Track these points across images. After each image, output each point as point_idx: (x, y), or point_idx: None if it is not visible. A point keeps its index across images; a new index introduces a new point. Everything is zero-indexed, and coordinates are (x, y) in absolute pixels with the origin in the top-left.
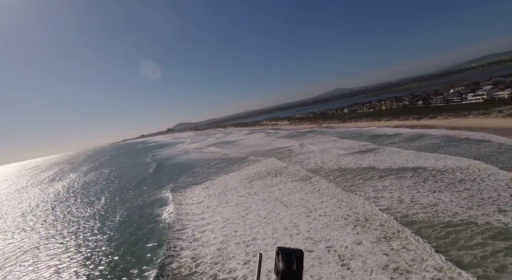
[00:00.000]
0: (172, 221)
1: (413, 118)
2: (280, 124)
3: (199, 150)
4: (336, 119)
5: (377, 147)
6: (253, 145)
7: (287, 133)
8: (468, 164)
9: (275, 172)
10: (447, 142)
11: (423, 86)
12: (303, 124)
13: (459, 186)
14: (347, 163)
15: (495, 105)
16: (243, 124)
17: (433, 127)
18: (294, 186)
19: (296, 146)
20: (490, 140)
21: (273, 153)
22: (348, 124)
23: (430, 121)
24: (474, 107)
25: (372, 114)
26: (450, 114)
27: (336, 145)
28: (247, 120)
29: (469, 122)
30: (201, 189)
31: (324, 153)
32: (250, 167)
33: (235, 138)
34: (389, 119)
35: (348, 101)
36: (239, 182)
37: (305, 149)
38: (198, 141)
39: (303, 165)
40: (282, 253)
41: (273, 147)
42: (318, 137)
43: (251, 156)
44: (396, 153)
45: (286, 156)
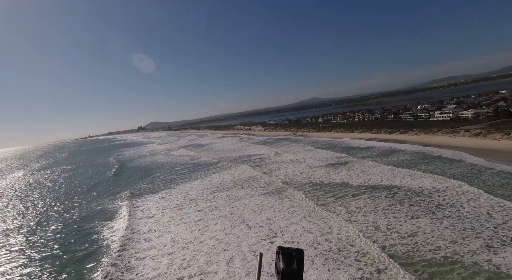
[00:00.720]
0: (110, 242)
1: (385, 132)
2: (254, 129)
3: (167, 152)
4: (311, 128)
5: (351, 160)
6: (225, 149)
7: (261, 140)
8: (445, 185)
9: (243, 183)
10: (420, 158)
11: (392, 101)
12: (278, 131)
13: (438, 212)
14: (319, 177)
15: (461, 124)
16: (217, 128)
17: (405, 142)
18: (261, 201)
19: (269, 154)
20: (462, 159)
21: (244, 160)
22: (322, 134)
23: (401, 136)
24: (442, 125)
25: (346, 125)
26: (420, 130)
27: (309, 155)
28: (222, 123)
29: (439, 140)
30: (157, 200)
31: (296, 163)
32: (216, 175)
33: (207, 141)
34: (362, 131)
35: (323, 110)
36: (201, 193)
37: (277, 158)
38: (169, 142)
39: (273, 176)
40: (282, 253)
41: (244, 153)
42: (292, 146)
43: (220, 162)
44: (370, 168)
45: (256, 164)
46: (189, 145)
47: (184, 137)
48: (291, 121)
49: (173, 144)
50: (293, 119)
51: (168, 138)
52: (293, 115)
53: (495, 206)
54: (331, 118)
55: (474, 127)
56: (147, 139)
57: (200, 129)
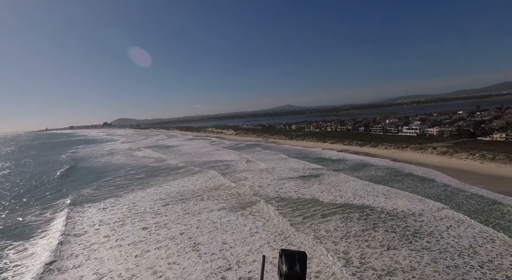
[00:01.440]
0: (16, 273)
1: (356, 144)
2: (226, 133)
3: (129, 152)
4: (283, 135)
5: (322, 173)
6: (192, 153)
7: (231, 144)
8: (421, 208)
9: (203, 193)
10: (392, 174)
11: (362, 114)
12: (249, 136)
13: (415, 242)
14: (288, 190)
15: (428, 140)
16: (188, 129)
17: (376, 156)
18: (220, 217)
19: (237, 161)
20: (434, 178)
21: (210, 166)
22: (294, 142)
23: (372, 149)
24: (410, 140)
25: (318, 134)
26: (390, 144)
27: (279, 164)
28: (195, 124)
29: (408, 156)
30: (96, 211)
31: (265, 173)
32: (176, 182)
33: (175, 143)
34: (334, 142)
35: (296, 118)
36: (152, 204)
37: (246, 166)
38: (134, 140)
39: (238, 187)
40: (285, 255)
41: (212, 158)
42: (263, 153)
43: (184, 167)
44: (342, 183)
45: (222, 172)
46: (155, 146)
47: (151, 137)
48: (264, 127)
49: (138, 143)
50: (267, 125)
51: (135, 137)
52: (267, 121)
53: (477, 236)
54: (304, 126)
55: (441, 145)
56: (110, 136)
57: (170, 130)
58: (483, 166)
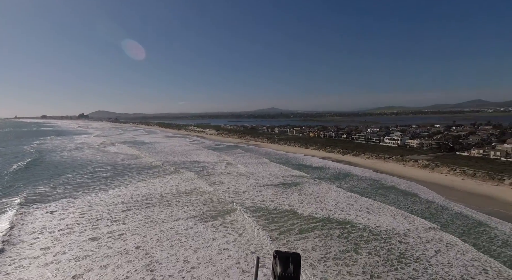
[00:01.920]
0: None
1: (338, 151)
2: (207, 132)
3: (102, 147)
4: (265, 138)
5: (303, 181)
6: (169, 151)
7: (211, 144)
8: (406, 227)
9: (172, 198)
10: (375, 187)
11: (345, 121)
12: (230, 137)
13: (401, 269)
14: (265, 199)
15: (409, 152)
16: (169, 126)
17: (358, 166)
18: (187, 228)
19: (215, 163)
20: (417, 193)
21: (185, 167)
22: (276, 146)
23: (354, 159)
24: (391, 151)
25: (301, 139)
26: (372, 154)
27: (259, 169)
28: (176, 122)
29: (390, 167)
30: (43, 214)
31: (242, 177)
32: (143, 184)
33: (153, 139)
34: (316, 148)
35: (280, 121)
36: (112, 208)
37: (223, 169)
38: (110, 135)
39: (211, 193)
40: (279, 257)
41: (189, 158)
42: (242, 156)
43: (157, 167)
44: (323, 193)
45: (197, 174)
46: (131, 141)
47: (129, 132)
48: (246, 128)
49: (113, 138)
50: (249, 127)
51: (111, 130)
52: (250, 122)
53: (468, 265)
54: (287, 130)
55: (422, 158)
56: (85, 128)
57: (150, 125)
58: (464, 182)
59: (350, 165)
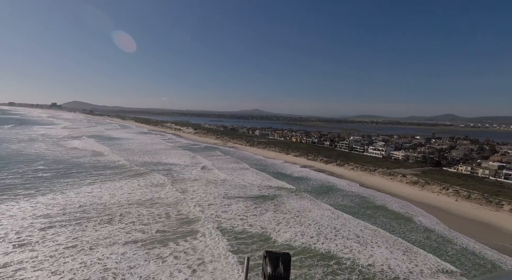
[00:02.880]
0: None
1: (321, 160)
2: (185, 131)
3: (62, 141)
4: (245, 140)
5: (281, 194)
6: (137, 150)
7: (187, 144)
8: (407, 267)
9: (117, 210)
10: (363, 205)
11: (327, 127)
12: (208, 137)
13: None
14: (233, 216)
15: (394, 165)
16: (146, 121)
17: (343, 178)
18: (120, 260)
19: (184, 166)
20: (411, 217)
21: (148, 170)
22: (255, 150)
23: (338, 169)
24: (377, 163)
25: (282, 144)
26: (357, 165)
27: (232, 176)
28: (156, 117)
29: (377, 181)
30: None
31: (211, 186)
32: (89, 189)
33: (125, 135)
34: (297, 155)
35: (263, 123)
36: (27, 224)
37: (191, 173)
38: (79, 127)
39: (170, 206)
40: (269, 257)
41: (157, 158)
42: (217, 159)
43: (117, 168)
44: (303, 211)
45: (158, 181)
46: (100, 136)
47: (101, 125)
48: (226, 128)
49: (81, 131)
50: (230, 127)
51: (82, 123)
52: (232, 123)
53: None
54: (268, 133)
55: (409, 172)
56: (53, 119)
57: (125, 120)
58: (459, 205)
59: (334, 176)
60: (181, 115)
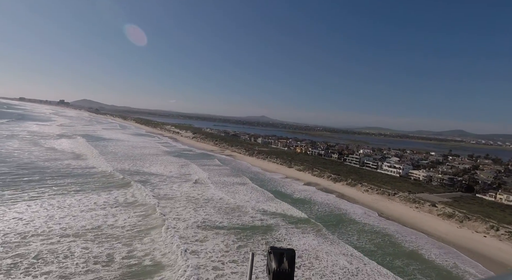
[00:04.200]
0: None
1: (329, 177)
2: (183, 134)
3: (46, 138)
4: (245, 148)
5: (277, 224)
6: (125, 154)
7: (181, 149)
8: None
9: (40, 247)
10: (387, 250)
11: (334, 137)
12: (206, 143)
13: None
14: (205, 262)
15: (416, 187)
16: (146, 122)
17: (355, 202)
18: None
19: (168, 176)
20: (463, 276)
21: (125, 182)
22: (253, 160)
23: (349, 190)
24: (394, 184)
25: (285, 155)
26: (372, 186)
27: (219, 193)
28: (161, 119)
29: (399, 210)
30: None
31: (190, 206)
32: (32, 204)
33: (118, 135)
34: (301, 169)
35: (267, 130)
36: None
37: (172, 188)
38: (75, 125)
39: (119, 241)
40: (274, 253)
41: (142, 166)
42: (208, 169)
43: (82, 177)
44: (306, 258)
45: (127, 196)
46: (91, 135)
47: (100, 124)
48: (228, 134)
49: (75, 129)
50: (232, 133)
51: (81, 121)
52: (236, 128)
53: None
54: (271, 141)
55: (438, 199)
56: (54, 115)
57: (127, 120)
58: None
59: (345, 198)
60: (187, 118)
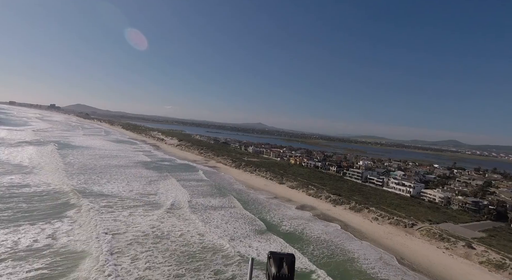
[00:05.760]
0: None
1: (327, 198)
2: (167, 142)
3: (5, 146)
4: (232, 158)
5: None
6: (80, 166)
7: (160, 159)
8: None
9: None
10: None
11: (330, 146)
12: (190, 151)
13: None
14: None
15: (434, 213)
16: (133, 128)
17: (363, 236)
18: None
19: (127, 198)
20: None
21: (53, 212)
22: (239, 174)
23: (354, 217)
24: (407, 207)
25: (277, 167)
26: (382, 213)
27: (181, 225)
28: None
29: (425, 253)
30: None
31: (134, 247)
32: None
33: (94, 142)
34: (294, 186)
35: (262, 138)
36: None
37: (115, 219)
38: (53, 130)
39: None
40: (273, 258)
41: (93, 182)
42: (181, 188)
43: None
44: None
45: (37, 241)
46: (63, 143)
47: (82, 130)
48: (218, 142)
49: (51, 135)
50: (222, 140)
51: (63, 126)
52: (229, 135)
53: None
54: (263, 151)
55: (468, 233)
56: (38, 120)
57: (114, 125)
58: None
59: (349, 230)
60: (181, 124)
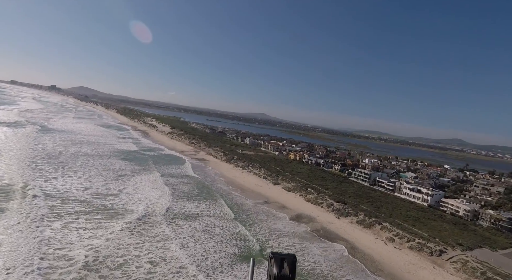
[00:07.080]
0: None
1: (330, 207)
2: (159, 129)
3: None
4: (223, 151)
5: None
6: (42, 154)
7: (142, 149)
8: None
9: None
10: None
11: (333, 140)
12: (181, 141)
13: None
14: None
15: (462, 231)
16: (127, 113)
17: (378, 267)
18: None
19: (88, 201)
20: None
21: None
22: (229, 169)
23: (363, 236)
24: (428, 223)
25: (274, 162)
26: (399, 233)
27: (143, 248)
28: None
29: None
30: None
31: None
32: None
33: (79, 126)
34: (291, 187)
35: (263, 129)
36: None
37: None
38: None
39: None
40: (275, 258)
41: (42, 179)
42: (158, 187)
43: None
44: None
45: None
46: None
47: (74, 112)
48: (214, 131)
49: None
50: (219, 130)
51: (56, 107)
52: (230, 125)
53: None
54: (261, 143)
55: None
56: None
57: (109, 109)
58: None
59: (357, 256)
60: (182, 111)
